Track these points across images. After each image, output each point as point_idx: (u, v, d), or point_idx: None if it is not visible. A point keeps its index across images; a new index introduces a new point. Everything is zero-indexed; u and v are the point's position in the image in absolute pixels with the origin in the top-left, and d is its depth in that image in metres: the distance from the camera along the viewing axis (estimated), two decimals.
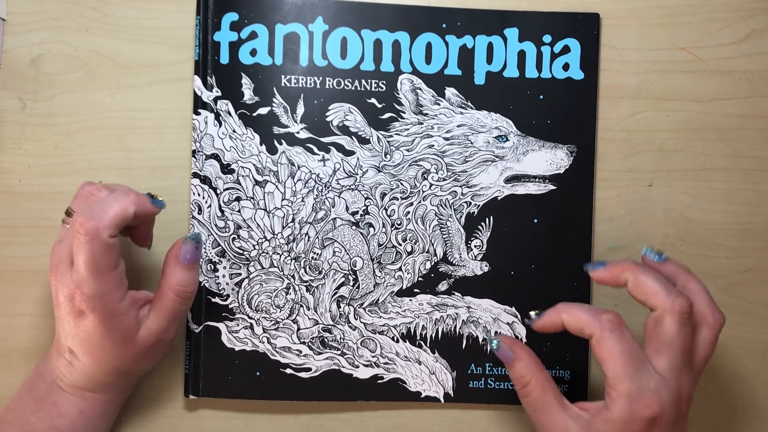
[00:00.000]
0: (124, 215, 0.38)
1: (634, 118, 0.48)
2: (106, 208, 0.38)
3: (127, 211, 0.38)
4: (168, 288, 0.40)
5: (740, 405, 0.48)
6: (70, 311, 0.38)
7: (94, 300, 0.37)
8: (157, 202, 0.41)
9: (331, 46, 0.46)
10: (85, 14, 0.47)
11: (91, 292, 0.37)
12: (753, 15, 0.48)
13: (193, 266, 0.41)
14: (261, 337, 0.46)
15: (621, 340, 0.36)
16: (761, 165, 0.48)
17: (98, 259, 0.37)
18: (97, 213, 0.37)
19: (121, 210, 0.38)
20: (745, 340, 0.48)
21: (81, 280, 0.37)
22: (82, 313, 0.38)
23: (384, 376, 0.47)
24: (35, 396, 0.41)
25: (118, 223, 0.38)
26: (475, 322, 0.47)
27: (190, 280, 0.41)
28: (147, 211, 0.40)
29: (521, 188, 0.47)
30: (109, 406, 0.43)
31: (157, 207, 0.41)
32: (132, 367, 0.41)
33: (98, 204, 0.38)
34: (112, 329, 0.38)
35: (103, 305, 0.38)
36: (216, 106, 0.46)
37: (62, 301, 0.38)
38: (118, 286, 0.39)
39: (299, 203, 0.46)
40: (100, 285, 0.37)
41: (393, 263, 0.47)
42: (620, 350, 0.36)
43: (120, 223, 0.38)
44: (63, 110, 0.46)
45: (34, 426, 0.40)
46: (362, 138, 0.46)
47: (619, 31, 0.48)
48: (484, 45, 0.47)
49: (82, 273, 0.37)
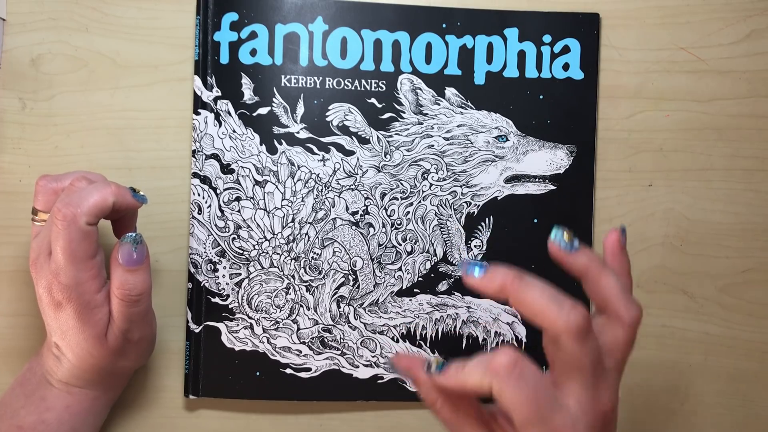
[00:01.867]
0: (103, 204, 0.38)
1: (634, 118, 0.48)
2: (85, 196, 0.38)
3: (106, 200, 0.38)
4: (112, 291, 0.39)
5: (740, 405, 0.48)
6: (50, 303, 0.38)
7: (70, 289, 0.38)
8: (138, 196, 0.40)
9: (331, 46, 0.46)
10: (85, 14, 0.47)
11: (68, 281, 0.37)
12: (753, 15, 0.48)
13: (135, 268, 0.39)
14: (261, 337, 0.46)
15: (521, 386, 0.31)
16: (761, 165, 0.48)
17: (75, 246, 0.37)
18: (75, 200, 0.38)
19: (101, 199, 0.38)
20: (745, 340, 0.48)
21: (58, 268, 0.37)
22: (60, 305, 0.38)
23: (384, 376, 0.47)
24: (25, 390, 0.41)
25: (96, 211, 0.38)
26: (475, 322, 0.47)
27: (133, 283, 0.39)
28: (127, 204, 0.40)
29: (521, 188, 0.47)
30: (97, 402, 0.43)
31: (139, 201, 0.40)
32: (109, 366, 0.41)
33: (77, 193, 0.38)
34: (86, 323, 0.38)
35: (79, 295, 0.38)
36: (216, 106, 0.46)
37: (41, 293, 0.39)
38: (95, 277, 0.39)
39: (299, 203, 0.46)
40: (77, 273, 0.37)
41: (393, 263, 0.47)
42: (524, 398, 0.31)
43: (98, 212, 0.38)
44: (63, 110, 0.46)
45: (23, 419, 0.40)
46: (362, 138, 0.46)
47: (619, 31, 0.48)
48: (484, 45, 0.47)
49: (59, 260, 0.37)
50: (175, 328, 0.47)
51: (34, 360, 0.42)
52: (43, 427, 0.40)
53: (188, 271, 0.46)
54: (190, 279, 0.46)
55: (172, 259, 0.47)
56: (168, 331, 0.47)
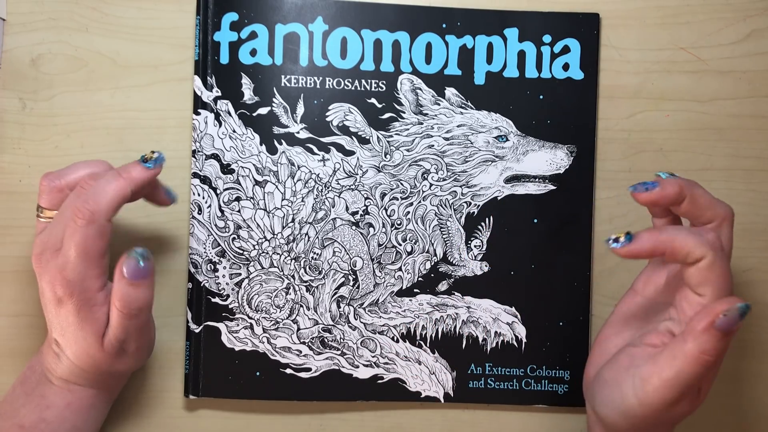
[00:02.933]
0: (122, 196, 0.38)
1: (634, 118, 0.48)
2: (102, 193, 0.38)
3: (124, 190, 0.38)
4: (113, 302, 0.39)
5: (741, 405, 0.48)
6: (52, 298, 0.38)
7: (74, 285, 0.37)
8: (150, 163, 0.39)
9: (331, 46, 0.46)
10: (85, 14, 0.47)
11: (73, 276, 0.37)
12: (753, 15, 0.48)
13: (138, 282, 0.38)
14: (261, 337, 0.46)
15: (726, 259, 0.35)
16: (761, 165, 0.48)
17: (90, 243, 0.37)
18: (93, 197, 0.37)
19: (118, 192, 0.38)
20: (745, 340, 0.48)
21: (65, 263, 0.37)
22: (61, 301, 0.38)
23: (384, 376, 0.47)
24: (26, 388, 0.41)
25: (116, 205, 0.38)
26: (475, 322, 0.47)
27: (134, 297, 0.38)
28: (143, 182, 0.39)
29: (521, 188, 0.47)
30: (97, 399, 0.43)
31: (153, 167, 0.39)
32: (106, 367, 0.40)
33: (93, 189, 0.38)
34: (85, 320, 0.38)
35: (81, 291, 0.38)
36: (216, 106, 0.46)
37: (44, 287, 0.38)
38: (99, 275, 0.38)
39: (299, 203, 0.46)
40: (85, 269, 0.37)
41: (393, 263, 0.47)
42: (727, 269, 0.34)
43: (118, 205, 0.38)
44: (63, 110, 0.46)
45: (24, 418, 0.40)
46: (362, 138, 0.46)
47: (619, 31, 0.48)
48: (484, 45, 0.47)
49: (70, 256, 0.37)
50: (175, 328, 0.47)
51: (35, 359, 0.43)
52: (44, 425, 0.40)
53: (188, 271, 0.46)
54: (190, 279, 0.46)
55: (172, 259, 0.47)
56: (168, 331, 0.47)
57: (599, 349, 0.41)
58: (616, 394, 0.36)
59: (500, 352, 0.47)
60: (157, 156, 0.40)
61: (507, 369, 0.47)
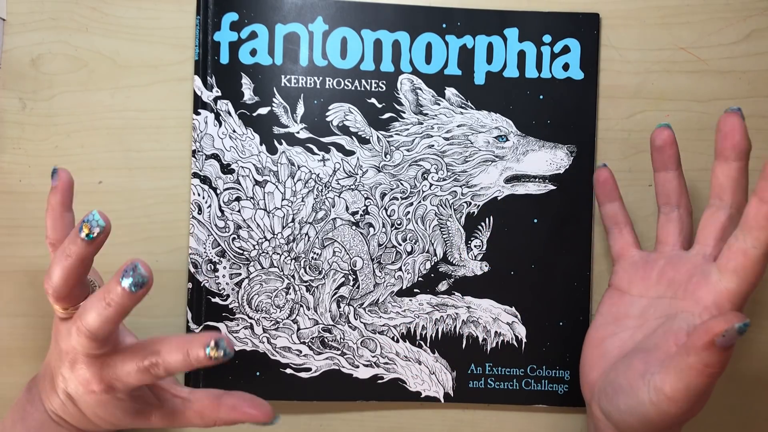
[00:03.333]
0: (105, 324, 0.35)
1: (634, 118, 0.48)
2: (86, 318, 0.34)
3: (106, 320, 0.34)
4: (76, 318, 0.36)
5: (740, 405, 0.48)
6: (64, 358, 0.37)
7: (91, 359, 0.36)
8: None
9: (331, 46, 0.46)
10: (85, 14, 0.47)
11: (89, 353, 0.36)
12: (753, 15, 0.48)
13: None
14: (261, 337, 0.46)
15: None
16: (761, 165, 0.48)
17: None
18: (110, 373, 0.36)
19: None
20: (745, 340, 0.48)
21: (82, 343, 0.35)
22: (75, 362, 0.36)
23: (384, 376, 0.47)
24: (28, 425, 0.39)
25: (102, 335, 0.35)
26: (475, 322, 0.47)
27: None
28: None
29: (521, 188, 0.47)
30: None
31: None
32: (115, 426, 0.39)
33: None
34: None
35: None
36: (216, 106, 0.46)
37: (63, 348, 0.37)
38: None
39: (299, 203, 0.46)
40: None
41: (393, 263, 0.47)
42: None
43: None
44: (63, 110, 0.46)
45: None
46: (362, 138, 0.46)
47: (619, 31, 0.48)
48: (484, 45, 0.47)
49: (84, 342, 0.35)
50: (175, 328, 0.47)
51: (33, 390, 0.40)
52: None
53: (188, 271, 0.46)
54: (190, 279, 0.46)
55: (172, 259, 0.47)
56: (168, 331, 0.47)
57: (598, 352, 0.41)
58: (633, 401, 0.36)
59: (500, 352, 0.47)
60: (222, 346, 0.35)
61: (507, 369, 0.47)
